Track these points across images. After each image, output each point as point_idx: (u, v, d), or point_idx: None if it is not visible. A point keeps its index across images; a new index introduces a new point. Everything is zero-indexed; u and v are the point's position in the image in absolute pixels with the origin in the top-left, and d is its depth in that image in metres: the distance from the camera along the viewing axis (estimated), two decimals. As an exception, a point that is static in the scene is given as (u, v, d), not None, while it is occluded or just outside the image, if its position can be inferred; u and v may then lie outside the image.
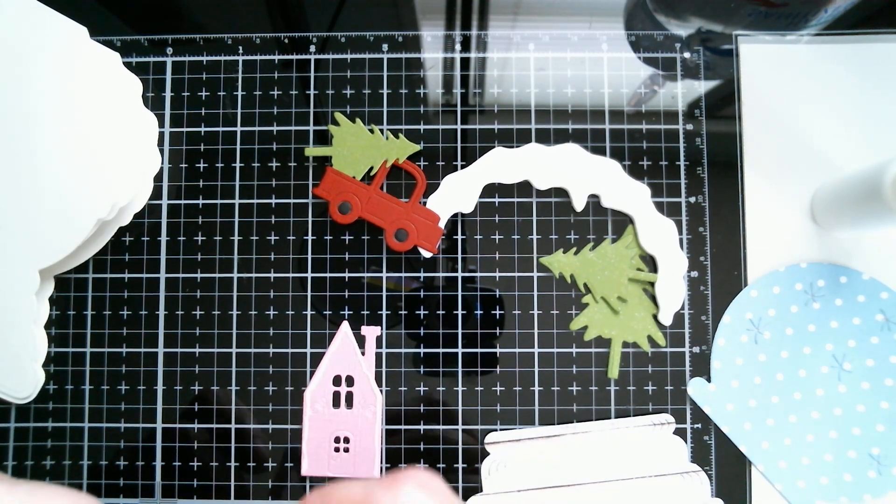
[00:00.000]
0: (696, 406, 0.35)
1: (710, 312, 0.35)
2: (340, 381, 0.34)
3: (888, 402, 0.34)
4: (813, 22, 0.36)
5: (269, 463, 0.35)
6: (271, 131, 0.37)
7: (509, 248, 0.36)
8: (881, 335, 0.34)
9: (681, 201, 0.36)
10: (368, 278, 0.36)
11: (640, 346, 0.35)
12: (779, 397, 0.34)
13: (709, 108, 0.37)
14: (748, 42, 0.37)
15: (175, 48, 0.37)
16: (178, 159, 0.37)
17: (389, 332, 0.35)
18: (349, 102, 0.37)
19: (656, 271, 0.35)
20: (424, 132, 0.37)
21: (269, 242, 0.36)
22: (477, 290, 0.36)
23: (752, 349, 0.35)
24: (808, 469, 0.34)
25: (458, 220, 0.36)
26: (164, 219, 0.36)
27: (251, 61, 0.37)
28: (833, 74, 0.36)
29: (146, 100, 0.36)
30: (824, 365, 0.34)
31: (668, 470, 0.34)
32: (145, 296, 0.36)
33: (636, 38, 0.37)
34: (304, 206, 0.36)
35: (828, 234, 0.36)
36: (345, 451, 0.33)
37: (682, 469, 0.34)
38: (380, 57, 0.37)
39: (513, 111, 0.37)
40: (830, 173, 0.36)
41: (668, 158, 0.36)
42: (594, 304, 0.35)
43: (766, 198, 0.36)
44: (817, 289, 0.35)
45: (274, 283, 0.36)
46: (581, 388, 0.35)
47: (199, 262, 0.36)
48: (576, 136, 0.37)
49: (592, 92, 0.37)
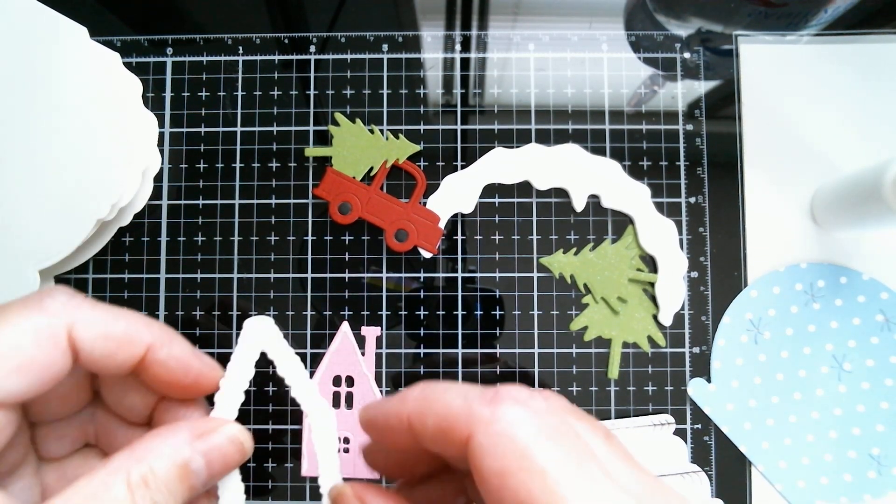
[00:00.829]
0: (696, 406, 0.35)
1: (710, 313, 0.35)
2: (340, 381, 0.34)
3: (888, 402, 0.34)
4: (813, 22, 0.36)
5: (266, 461, 0.35)
6: (271, 131, 0.37)
7: (509, 249, 0.36)
8: (881, 335, 0.34)
9: (681, 201, 0.36)
10: (368, 279, 0.36)
11: (640, 346, 0.35)
12: (779, 397, 0.34)
13: (709, 108, 0.37)
14: (748, 42, 0.37)
15: (175, 48, 0.37)
16: (178, 159, 0.37)
17: (389, 333, 0.35)
18: (349, 103, 0.37)
19: (656, 271, 0.35)
20: (424, 132, 0.37)
21: (269, 243, 0.36)
22: (477, 291, 0.36)
23: (752, 349, 0.35)
24: (808, 469, 0.34)
25: (458, 220, 0.36)
26: (164, 219, 0.36)
27: (251, 61, 0.37)
28: (833, 74, 0.36)
29: (146, 100, 0.36)
30: (824, 365, 0.34)
31: (669, 470, 0.34)
32: (145, 296, 0.36)
33: (636, 39, 0.37)
34: (304, 206, 0.36)
35: (828, 234, 0.36)
36: (344, 451, 0.33)
37: (683, 469, 0.34)
38: (380, 57, 0.37)
39: (513, 111, 0.37)
40: (830, 173, 0.36)
41: (668, 159, 0.36)
42: (594, 304, 0.35)
43: (766, 198, 0.36)
44: (817, 289, 0.35)
45: (274, 284, 0.36)
46: (581, 389, 0.35)
47: (199, 263, 0.36)
48: (576, 136, 0.37)
49: (592, 92, 0.37)
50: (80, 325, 0.19)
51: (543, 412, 0.17)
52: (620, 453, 0.18)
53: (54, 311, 0.19)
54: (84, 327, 0.19)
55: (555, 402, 0.18)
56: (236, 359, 0.24)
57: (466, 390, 0.19)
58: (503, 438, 0.17)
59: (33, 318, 0.18)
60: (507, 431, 0.17)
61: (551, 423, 0.17)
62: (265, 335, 0.25)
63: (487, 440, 0.17)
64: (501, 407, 0.17)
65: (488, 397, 0.18)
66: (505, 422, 0.17)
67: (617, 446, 0.18)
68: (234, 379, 0.24)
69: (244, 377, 0.25)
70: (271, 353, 0.25)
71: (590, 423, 0.18)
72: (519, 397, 0.18)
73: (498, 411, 0.17)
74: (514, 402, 0.17)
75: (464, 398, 0.18)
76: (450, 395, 0.19)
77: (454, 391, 0.19)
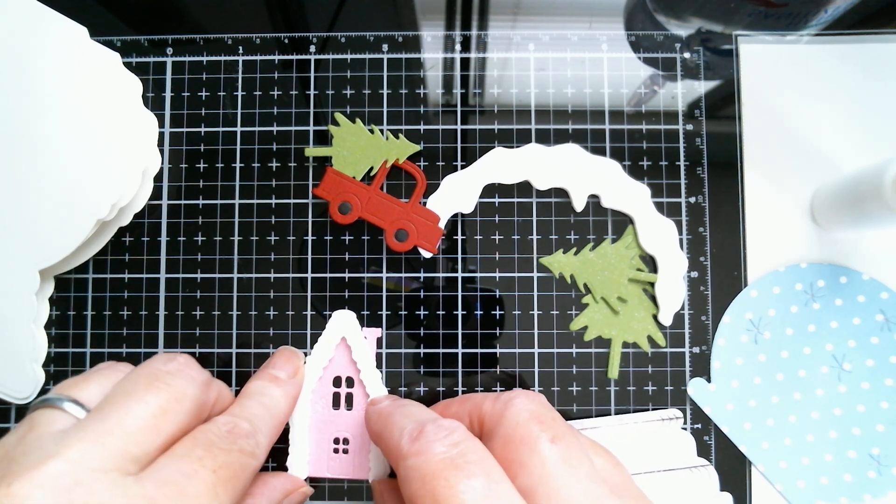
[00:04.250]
0: (696, 406, 0.35)
1: (710, 312, 0.35)
2: (340, 382, 0.34)
3: (888, 402, 0.34)
4: (813, 22, 0.36)
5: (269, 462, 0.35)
6: (271, 131, 0.37)
7: (509, 249, 0.36)
8: (881, 335, 0.34)
9: (681, 201, 0.36)
10: (368, 279, 0.36)
11: (640, 346, 0.35)
12: (779, 397, 0.34)
13: (709, 108, 0.37)
14: (748, 42, 0.37)
15: (175, 48, 0.37)
16: (178, 159, 0.37)
17: (389, 333, 0.35)
18: (349, 102, 0.37)
19: (656, 271, 0.35)
20: (424, 132, 0.37)
21: (269, 243, 0.36)
22: (477, 291, 0.36)
23: (752, 349, 0.35)
24: (808, 469, 0.34)
25: (458, 220, 0.36)
26: (164, 219, 0.36)
27: (251, 61, 0.37)
28: (833, 74, 0.36)
29: (146, 100, 0.36)
30: (824, 365, 0.34)
31: (677, 465, 0.34)
32: (145, 296, 0.36)
33: (636, 39, 0.37)
34: (304, 206, 0.36)
35: (828, 234, 0.36)
36: (344, 451, 0.33)
37: (691, 464, 0.34)
38: (380, 57, 0.37)
39: (513, 111, 0.37)
40: (830, 173, 0.36)
41: (668, 158, 0.36)
42: (594, 304, 0.35)
43: (766, 198, 0.36)
44: (817, 289, 0.35)
45: (274, 284, 0.36)
46: (581, 389, 0.35)
47: (199, 263, 0.36)
48: (576, 136, 0.37)
49: (592, 92, 0.37)
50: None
51: (455, 444, 0.21)
52: (565, 454, 0.21)
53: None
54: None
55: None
56: (322, 341, 0.34)
57: (404, 423, 0.23)
58: (414, 472, 0.21)
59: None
60: (418, 465, 0.21)
61: (458, 453, 0.21)
62: (347, 325, 0.34)
63: (404, 473, 0.21)
64: (417, 444, 0.21)
65: (414, 434, 0.22)
66: (417, 457, 0.21)
67: (567, 447, 0.21)
68: (318, 356, 0.33)
69: (325, 356, 0.33)
70: (350, 340, 0.34)
71: (546, 430, 0.22)
72: (436, 434, 0.22)
73: (413, 448, 0.21)
74: (429, 440, 0.21)
75: (398, 433, 0.23)
76: (394, 427, 0.24)
77: (397, 422, 0.24)
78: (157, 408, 0.22)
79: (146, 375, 0.24)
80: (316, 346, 0.34)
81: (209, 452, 0.22)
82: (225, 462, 0.22)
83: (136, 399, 0.22)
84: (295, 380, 0.30)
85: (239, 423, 0.25)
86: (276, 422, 0.28)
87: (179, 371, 0.24)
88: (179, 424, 0.23)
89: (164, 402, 0.23)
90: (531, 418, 0.22)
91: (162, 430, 0.22)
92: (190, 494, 0.20)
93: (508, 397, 0.23)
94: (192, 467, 0.21)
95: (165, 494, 0.20)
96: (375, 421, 0.26)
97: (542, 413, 0.22)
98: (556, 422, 0.22)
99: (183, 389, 0.23)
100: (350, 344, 0.33)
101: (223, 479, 0.22)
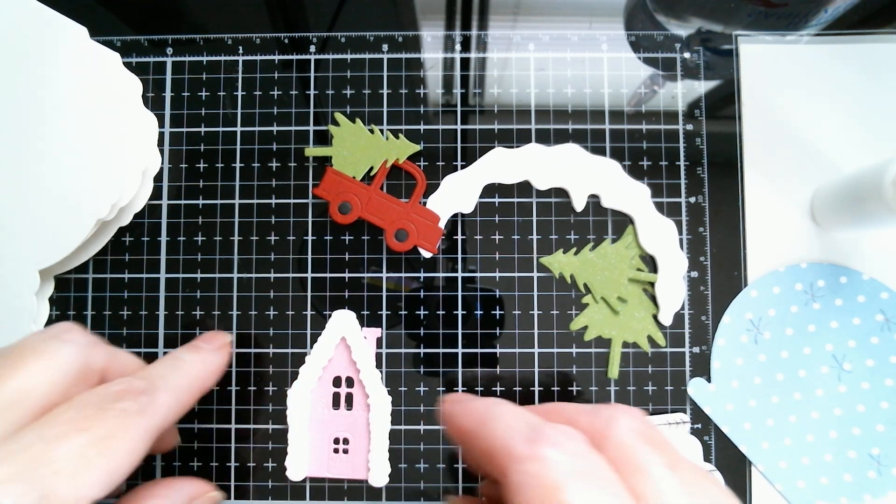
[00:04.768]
0: (696, 406, 0.35)
1: (710, 312, 0.35)
2: (340, 382, 0.34)
3: (888, 402, 0.34)
4: (813, 22, 0.36)
5: (267, 464, 0.35)
6: (271, 131, 0.37)
7: (509, 249, 0.36)
8: (881, 335, 0.34)
9: (681, 201, 0.36)
10: (368, 278, 0.36)
11: (640, 346, 0.35)
12: (779, 397, 0.34)
13: (709, 108, 0.37)
14: (748, 42, 0.37)
15: (175, 48, 0.37)
16: (178, 159, 0.37)
17: (389, 333, 0.35)
18: (349, 102, 0.37)
19: (656, 271, 0.35)
20: (424, 132, 0.37)
21: (269, 243, 0.36)
22: (477, 291, 0.36)
23: (752, 349, 0.35)
24: (808, 469, 0.34)
25: (458, 220, 0.36)
26: (164, 219, 0.36)
27: (251, 61, 0.37)
28: (833, 74, 0.36)
29: (146, 100, 0.36)
30: (824, 365, 0.34)
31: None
32: (145, 296, 0.36)
33: (636, 39, 0.37)
34: (304, 206, 0.36)
35: (828, 234, 0.36)
36: (344, 451, 0.33)
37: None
38: (380, 57, 0.37)
39: (513, 111, 0.37)
40: (830, 173, 0.36)
41: (668, 158, 0.36)
42: (594, 304, 0.35)
43: (766, 198, 0.36)
44: (817, 289, 0.35)
45: (274, 284, 0.36)
46: (581, 388, 0.35)
47: (199, 263, 0.36)
48: (576, 136, 0.37)
49: (592, 92, 0.37)
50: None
51: (579, 455, 0.19)
52: (685, 484, 0.19)
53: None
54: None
55: (582, 447, 0.19)
56: (322, 341, 0.34)
57: (514, 423, 0.20)
58: (533, 478, 0.18)
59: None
60: (538, 472, 0.18)
61: (584, 466, 0.18)
62: (347, 325, 0.34)
63: (519, 478, 0.18)
64: (536, 448, 0.19)
65: (530, 436, 0.19)
66: (538, 463, 0.18)
67: (685, 475, 0.19)
68: (318, 356, 0.34)
69: (325, 356, 0.34)
70: (349, 340, 0.34)
71: (660, 454, 0.19)
72: (557, 440, 0.19)
73: (533, 451, 0.19)
74: (550, 445, 0.19)
75: (508, 432, 0.20)
76: (499, 425, 0.21)
77: (504, 420, 0.21)
78: (26, 376, 0.22)
79: (19, 345, 0.23)
80: (316, 345, 0.34)
81: (80, 413, 0.21)
82: (99, 423, 0.21)
83: (7, 368, 0.22)
84: (217, 351, 0.29)
85: (133, 382, 0.24)
86: (186, 381, 0.27)
87: (55, 336, 0.23)
88: (53, 389, 0.22)
89: (37, 368, 0.22)
90: (641, 440, 0.20)
91: (30, 398, 0.21)
92: (54, 458, 0.20)
93: (609, 414, 0.21)
94: (58, 431, 0.20)
95: (23, 460, 0.19)
96: (467, 417, 0.23)
97: (651, 434, 0.20)
98: (666, 444, 0.20)
99: (57, 352, 0.23)
100: (350, 344, 0.33)
101: (95, 439, 0.21)
